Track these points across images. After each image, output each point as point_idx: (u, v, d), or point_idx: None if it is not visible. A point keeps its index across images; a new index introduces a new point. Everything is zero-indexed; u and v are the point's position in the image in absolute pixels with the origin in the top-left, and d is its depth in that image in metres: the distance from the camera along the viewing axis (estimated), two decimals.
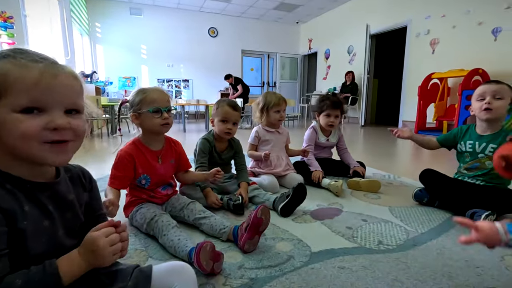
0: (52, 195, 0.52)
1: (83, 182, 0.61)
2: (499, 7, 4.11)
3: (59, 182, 0.54)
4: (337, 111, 1.85)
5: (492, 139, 1.30)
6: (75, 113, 0.51)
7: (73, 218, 0.56)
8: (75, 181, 0.59)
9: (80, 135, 0.52)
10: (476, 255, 0.96)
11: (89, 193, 0.61)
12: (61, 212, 0.53)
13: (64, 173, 0.57)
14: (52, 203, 0.52)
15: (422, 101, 4.70)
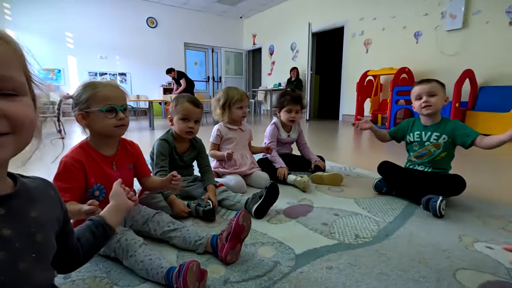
0: (7, 213, 0.37)
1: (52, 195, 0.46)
2: (419, 13, 4.69)
3: (16, 194, 0.39)
4: (297, 106, 1.86)
5: (435, 128, 1.44)
6: (9, 95, 0.36)
7: (44, 242, 0.41)
8: (38, 195, 0.44)
9: (22, 126, 0.37)
10: (439, 238, 1.05)
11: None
12: (25, 236, 0.39)
13: (22, 184, 0.41)
14: (8, 224, 0.37)
15: (360, 97, 5.12)
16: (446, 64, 4.38)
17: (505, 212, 1.28)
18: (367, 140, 3.61)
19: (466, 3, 4.12)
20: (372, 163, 2.00)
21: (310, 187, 1.61)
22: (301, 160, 1.97)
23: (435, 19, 4.50)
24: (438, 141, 1.42)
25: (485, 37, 3.99)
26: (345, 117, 6.10)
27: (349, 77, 5.93)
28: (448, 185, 1.35)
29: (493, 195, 1.51)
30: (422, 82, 1.44)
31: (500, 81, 3.88)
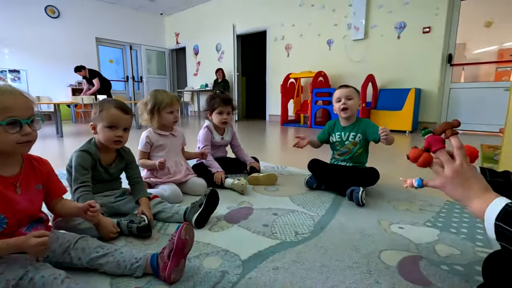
0: None
1: None
2: (330, 23, 5.25)
3: None
4: (228, 107, 1.86)
5: (352, 129, 1.64)
6: None
7: None
8: None
9: None
10: (363, 225, 1.19)
11: None
12: None
13: None
14: None
15: (284, 98, 5.44)
16: (354, 69, 5.03)
17: (407, 196, 1.54)
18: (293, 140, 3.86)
19: (366, 18, 4.81)
20: (302, 161, 2.15)
21: (247, 189, 1.63)
22: (237, 163, 1.98)
23: (343, 29, 5.12)
24: (355, 140, 1.61)
25: (381, 48, 4.74)
26: (272, 117, 6.41)
27: (273, 79, 6.24)
28: (366, 177, 1.55)
29: (398, 182, 1.80)
30: (342, 86, 1.62)
31: (394, 85, 4.65)
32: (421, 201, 1.45)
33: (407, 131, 4.13)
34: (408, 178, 0.65)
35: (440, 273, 0.87)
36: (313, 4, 5.41)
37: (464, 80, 4.51)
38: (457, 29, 4.27)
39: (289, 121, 5.63)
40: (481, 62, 4.41)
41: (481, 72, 4.65)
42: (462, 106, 4.33)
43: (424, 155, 0.61)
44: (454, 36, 4.30)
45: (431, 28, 4.27)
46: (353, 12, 4.92)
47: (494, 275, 0.68)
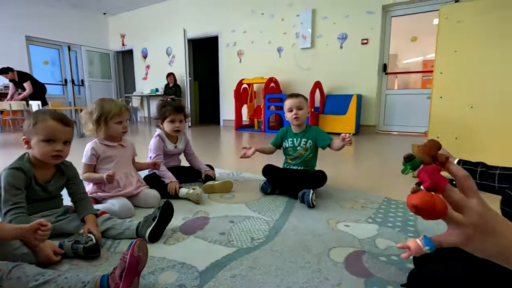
0: None
1: None
2: (280, 32, 5.48)
3: None
4: (180, 115, 1.83)
5: (303, 135, 1.74)
6: None
7: None
8: None
9: None
10: (314, 225, 1.27)
11: None
12: None
13: None
14: None
15: (237, 103, 5.49)
16: (303, 76, 5.31)
17: (351, 195, 1.68)
18: (249, 145, 3.92)
19: (312, 28, 5.12)
20: (256, 167, 2.20)
21: (203, 198, 1.62)
22: (191, 171, 1.95)
23: (291, 38, 5.37)
24: (306, 145, 1.72)
25: (327, 56, 5.08)
26: (226, 122, 6.41)
27: (226, 84, 6.26)
28: (316, 180, 1.66)
29: (343, 182, 1.96)
30: (292, 96, 1.71)
31: (339, 91, 5.02)
32: (363, 200, 1.60)
33: (351, 133, 4.47)
34: (410, 242, 0.44)
35: (379, 264, 0.97)
36: (263, 12, 5.59)
37: (397, 87, 5.07)
38: (390, 42, 4.79)
39: (243, 126, 5.70)
40: (410, 71, 5.00)
41: (410, 80, 5.27)
42: (396, 110, 4.85)
43: (438, 201, 0.38)
44: (387, 48, 4.82)
45: (368, 40, 4.72)
46: (301, 22, 5.20)
47: (421, 261, 0.79)
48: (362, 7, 4.70)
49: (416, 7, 4.52)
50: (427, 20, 4.55)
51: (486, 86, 1.69)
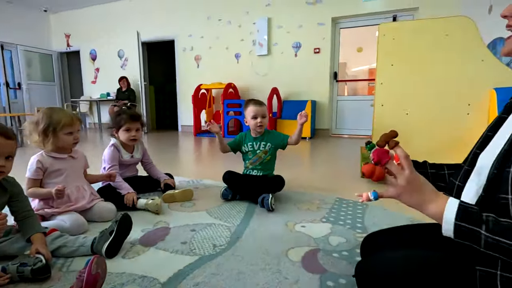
0: None
1: None
2: (237, 38, 5.56)
3: None
4: (137, 123, 1.78)
5: (262, 139, 1.81)
6: None
7: None
8: None
9: None
10: (274, 228, 1.34)
11: None
12: None
13: None
14: None
15: (196, 108, 5.43)
16: (260, 82, 5.45)
17: (308, 197, 1.79)
18: (208, 151, 3.91)
19: (268, 36, 5.30)
20: (217, 173, 2.21)
21: (162, 207, 1.59)
22: (149, 181, 1.90)
23: (248, 45, 5.49)
24: (265, 148, 1.79)
25: (282, 64, 5.29)
26: (184, 127, 6.29)
27: (184, 89, 6.15)
28: (274, 184, 1.74)
29: (300, 185, 2.07)
30: (256, 103, 1.76)
31: (295, 97, 5.26)
32: (318, 201, 1.72)
33: (307, 137, 4.72)
34: (364, 193, 0.65)
35: (332, 260, 1.07)
36: (220, 18, 5.63)
37: (347, 94, 5.47)
38: (339, 51, 5.16)
39: (203, 132, 5.65)
40: (357, 79, 5.44)
41: (358, 87, 5.73)
42: (346, 115, 5.22)
43: (377, 170, 0.62)
44: (337, 57, 5.18)
45: (320, 49, 5.04)
46: (257, 29, 5.35)
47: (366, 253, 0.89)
48: (313, 19, 5.00)
49: (360, 21, 4.94)
50: (371, 33, 5.00)
51: (418, 95, 1.93)
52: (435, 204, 0.55)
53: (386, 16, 4.73)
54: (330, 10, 4.90)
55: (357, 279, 0.68)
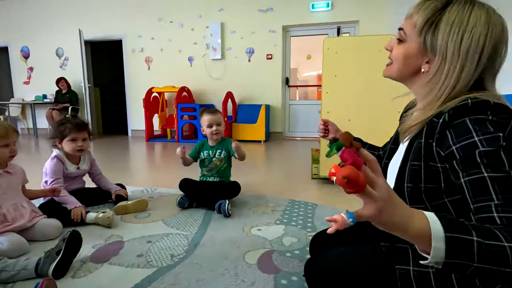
0: None
1: None
2: (190, 41, 5.49)
3: None
4: (83, 133, 1.68)
5: (218, 147, 1.85)
6: None
7: None
8: None
9: None
10: (231, 233, 1.39)
11: None
12: None
13: None
14: None
15: (147, 112, 5.22)
16: (215, 86, 5.45)
17: (263, 201, 1.88)
18: (162, 157, 3.80)
19: (222, 40, 5.33)
20: (172, 180, 2.19)
21: (115, 220, 1.53)
22: (98, 192, 1.80)
23: (202, 48, 5.46)
24: (221, 156, 1.83)
25: (236, 68, 5.37)
26: (135, 132, 5.98)
27: (134, 92, 5.86)
28: (230, 190, 1.79)
29: (256, 189, 2.15)
30: (209, 112, 1.79)
31: (249, 101, 5.37)
32: (272, 204, 1.81)
33: (261, 140, 4.86)
34: (336, 215, 0.43)
35: (285, 260, 1.15)
36: (172, 21, 5.50)
37: (299, 98, 5.76)
38: (290, 58, 5.42)
39: (155, 136, 5.44)
40: (307, 85, 5.77)
41: (309, 91, 6.08)
42: (298, 118, 5.50)
43: (361, 175, 0.40)
44: (288, 63, 5.43)
45: (272, 56, 5.23)
46: (210, 33, 5.34)
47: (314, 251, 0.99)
48: (265, 26, 5.17)
49: (309, 30, 5.25)
50: (319, 42, 5.35)
51: (358, 104, 2.15)
52: (418, 219, 0.43)
53: (331, 27, 5.11)
54: (281, 19, 5.12)
55: (306, 277, 0.76)
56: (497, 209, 0.45)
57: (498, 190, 0.46)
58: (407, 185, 0.62)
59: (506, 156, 0.47)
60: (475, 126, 0.51)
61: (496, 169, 0.47)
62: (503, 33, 0.56)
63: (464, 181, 0.51)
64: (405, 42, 0.64)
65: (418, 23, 0.60)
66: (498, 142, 0.48)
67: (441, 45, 0.57)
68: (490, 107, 0.52)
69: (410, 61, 0.64)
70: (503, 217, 0.44)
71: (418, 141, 0.61)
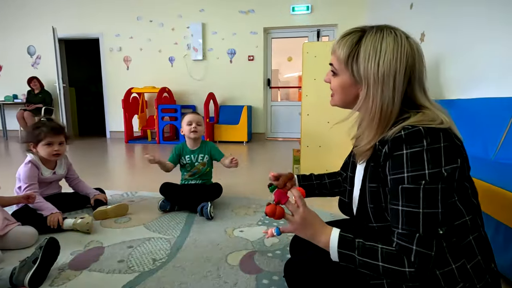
0: None
1: None
2: (170, 41, 5.42)
3: None
4: (60, 137, 1.63)
5: (199, 151, 1.85)
6: None
7: None
8: None
9: None
10: (213, 236, 1.40)
11: None
12: None
13: None
14: None
15: (127, 113, 5.09)
16: (196, 87, 5.41)
17: (245, 202, 1.90)
18: (143, 160, 3.73)
19: (203, 41, 5.30)
20: (153, 183, 2.17)
21: (94, 226, 1.50)
22: (76, 197, 1.76)
23: (183, 49, 5.40)
24: (204, 160, 1.84)
25: (218, 69, 5.36)
26: (114, 133, 5.82)
27: (113, 92, 5.70)
28: (212, 192, 1.80)
29: (238, 190, 2.17)
30: (191, 113, 1.83)
31: (231, 102, 5.37)
32: (254, 205, 1.84)
33: (244, 141, 4.88)
34: (269, 229, 0.81)
35: (267, 260, 1.19)
36: (152, 20, 5.40)
37: (280, 99, 5.83)
38: (271, 59, 5.48)
39: (135, 138, 5.32)
40: (288, 86, 5.85)
41: (290, 93, 6.17)
42: (280, 119, 5.57)
43: (278, 209, 0.73)
44: (270, 65, 5.49)
45: (254, 57, 5.26)
46: (191, 34, 5.30)
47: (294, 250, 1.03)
48: (247, 27, 5.20)
49: (289, 32, 5.33)
50: (300, 44, 5.45)
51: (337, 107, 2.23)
52: (324, 236, 0.65)
53: (311, 30, 5.22)
54: (262, 20, 5.17)
55: (285, 277, 0.80)
56: (398, 236, 0.57)
57: (405, 222, 0.56)
58: (369, 206, 0.68)
59: (423, 195, 0.55)
60: (408, 162, 0.57)
61: (409, 206, 0.56)
62: (415, 54, 0.62)
63: (389, 206, 0.61)
64: (338, 75, 0.70)
65: (342, 58, 0.66)
66: (420, 180, 0.55)
67: (364, 74, 0.63)
68: (422, 136, 0.56)
69: (347, 90, 0.69)
70: (398, 243, 0.57)
71: (371, 165, 0.67)
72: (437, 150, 0.56)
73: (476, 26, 2.06)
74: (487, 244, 0.64)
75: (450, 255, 0.58)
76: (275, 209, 0.72)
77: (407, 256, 0.55)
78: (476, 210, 0.62)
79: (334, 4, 4.94)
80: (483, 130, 1.61)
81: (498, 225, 1.03)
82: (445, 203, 0.55)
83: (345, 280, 0.68)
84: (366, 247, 0.60)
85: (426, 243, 0.54)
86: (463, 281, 0.58)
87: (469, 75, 2.12)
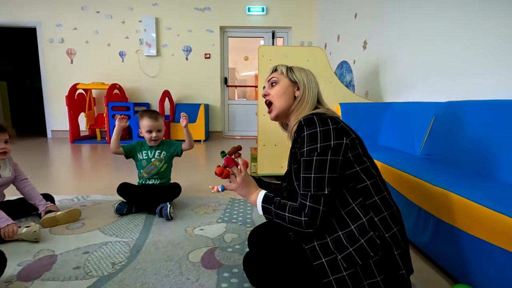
0: None
1: None
2: (121, 35, 5.12)
3: None
4: (4, 134, 1.49)
5: (157, 147, 1.84)
6: None
7: None
8: None
9: None
10: (173, 236, 1.43)
11: None
12: None
13: None
14: None
15: (72, 111, 4.71)
16: (150, 84, 5.21)
17: (204, 201, 1.94)
18: (93, 161, 3.51)
19: (157, 36, 5.12)
20: (106, 186, 2.09)
21: (42, 234, 1.42)
22: (21, 204, 1.62)
23: (135, 43, 5.15)
24: (161, 156, 1.83)
25: (173, 66, 5.23)
26: (57, 133, 5.33)
27: (55, 88, 5.21)
28: (171, 192, 1.81)
29: (197, 189, 2.20)
30: (150, 117, 1.77)
31: (188, 100, 5.29)
32: (214, 203, 1.90)
33: (201, 140, 4.86)
34: (215, 186, 0.95)
35: (227, 255, 1.26)
36: (99, 11, 5.05)
37: (237, 97, 5.90)
38: (228, 58, 5.52)
39: (82, 137, 4.95)
40: (245, 85, 5.94)
41: (247, 91, 6.27)
42: (237, 117, 5.65)
43: (225, 171, 0.92)
44: (226, 63, 5.52)
45: (210, 55, 5.25)
46: (144, 28, 5.08)
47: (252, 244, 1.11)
48: (202, 25, 5.16)
49: (245, 32, 5.42)
50: (256, 43, 5.57)
51: None
52: (254, 195, 0.88)
53: (266, 31, 5.37)
54: (218, 19, 5.17)
55: (244, 269, 0.88)
56: (300, 196, 0.76)
57: (303, 185, 0.76)
58: (295, 183, 0.86)
59: (315, 164, 0.74)
60: (307, 139, 0.76)
61: (306, 173, 0.75)
62: (315, 78, 0.96)
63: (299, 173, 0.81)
64: (278, 83, 0.94)
65: (283, 71, 0.95)
66: (314, 152, 0.74)
67: (299, 79, 0.93)
68: (315, 121, 0.77)
69: (287, 91, 0.93)
70: (299, 201, 0.76)
71: (292, 151, 0.90)
72: (327, 130, 0.75)
73: (406, 36, 2.37)
74: (392, 207, 0.79)
75: (359, 211, 0.75)
76: (223, 170, 0.91)
77: (303, 210, 0.74)
78: (376, 178, 0.79)
79: (288, 8, 5.16)
80: (412, 130, 1.88)
81: (420, 210, 1.24)
82: (332, 170, 0.73)
83: (298, 271, 0.79)
84: (280, 203, 0.80)
85: (316, 199, 0.73)
86: (372, 230, 0.74)
87: (401, 81, 2.43)
